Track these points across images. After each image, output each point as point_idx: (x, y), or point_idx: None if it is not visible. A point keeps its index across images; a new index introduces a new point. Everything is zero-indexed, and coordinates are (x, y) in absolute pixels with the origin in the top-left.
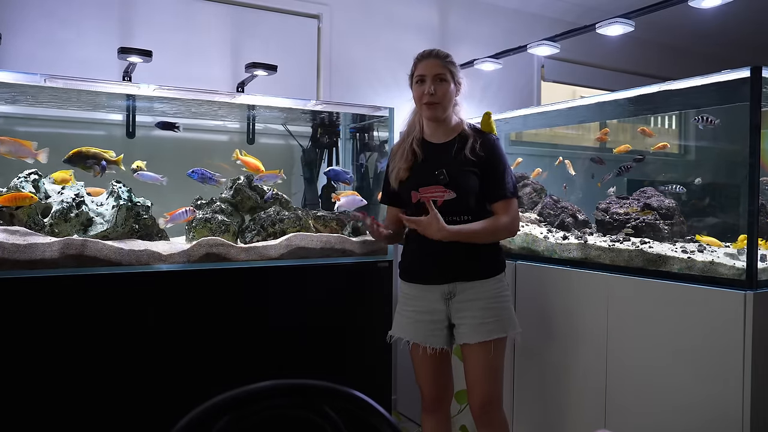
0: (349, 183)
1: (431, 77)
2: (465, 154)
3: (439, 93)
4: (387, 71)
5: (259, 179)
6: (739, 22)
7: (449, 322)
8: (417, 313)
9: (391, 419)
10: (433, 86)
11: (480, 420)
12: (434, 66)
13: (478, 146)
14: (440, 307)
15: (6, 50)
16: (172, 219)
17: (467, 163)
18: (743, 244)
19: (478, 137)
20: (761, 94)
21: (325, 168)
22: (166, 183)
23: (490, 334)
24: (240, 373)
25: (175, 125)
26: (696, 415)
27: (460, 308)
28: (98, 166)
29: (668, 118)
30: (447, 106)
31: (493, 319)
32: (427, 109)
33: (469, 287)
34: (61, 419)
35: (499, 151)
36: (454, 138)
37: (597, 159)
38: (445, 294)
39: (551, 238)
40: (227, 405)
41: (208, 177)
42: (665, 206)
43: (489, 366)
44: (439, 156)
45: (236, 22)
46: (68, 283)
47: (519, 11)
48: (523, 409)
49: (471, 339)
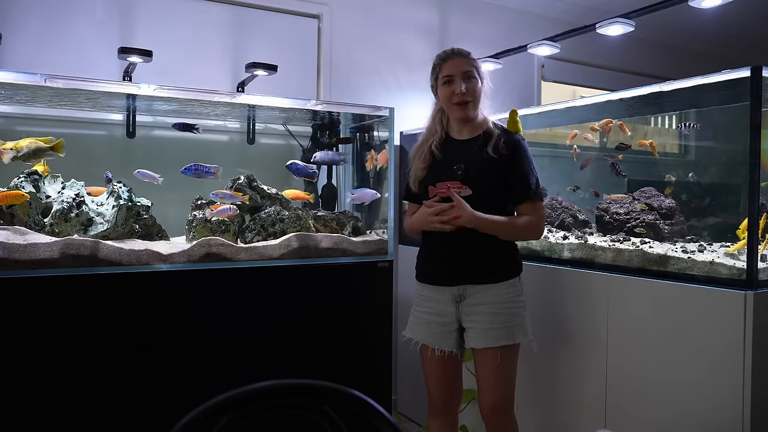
0: (312, 178)
1: (460, 75)
2: (487, 151)
3: (470, 91)
4: (387, 71)
5: (215, 194)
6: (739, 22)
7: (459, 325)
8: (428, 314)
9: (391, 419)
10: (463, 84)
11: (489, 423)
12: (461, 64)
13: (502, 145)
14: (450, 309)
15: (6, 50)
16: (217, 213)
17: (488, 161)
18: (743, 233)
19: (503, 136)
20: (761, 94)
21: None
22: (162, 182)
23: (498, 340)
24: (240, 373)
25: (195, 126)
26: (696, 415)
27: (470, 312)
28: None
29: (668, 118)
30: (477, 104)
31: (502, 325)
32: (459, 109)
33: (479, 291)
34: (61, 419)
35: (523, 151)
36: (478, 135)
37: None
38: (455, 296)
39: (551, 238)
40: (227, 405)
41: (204, 171)
42: (665, 206)
43: (498, 371)
44: (460, 152)
45: (236, 22)
46: (68, 283)
47: (519, 11)
48: (523, 409)
49: (478, 344)
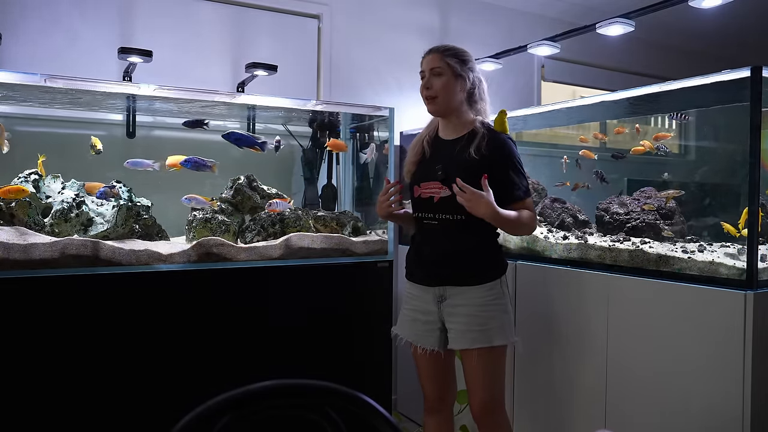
0: (261, 149)
1: (428, 72)
2: (469, 152)
3: (435, 87)
4: (387, 71)
5: (187, 199)
6: (739, 22)
7: (442, 324)
8: (414, 312)
9: (391, 419)
10: (430, 81)
11: (480, 423)
12: (431, 60)
13: (484, 145)
14: (433, 308)
15: (6, 50)
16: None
17: (469, 161)
18: (743, 221)
19: (487, 136)
20: (761, 94)
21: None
22: (158, 168)
23: (474, 342)
24: (240, 373)
25: (204, 122)
26: (696, 415)
27: (450, 312)
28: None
29: (668, 118)
30: (447, 101)
31: (478, 327)
32: (427, 104)
33: (458, 292)
34: (61, 419)
35: (506, 151)
36: (463, 135)
37: (618, 155)
38: (437, 296)
39: (551, 238)
40: (227, 405)
41: (201, 164)
42: (666, 207)
43: (482, 372)
44: (444, 152)
45: (236, 22)
46: (68, 283)
47: (519, 11)
48: (523, 409)
49: (456, 345)
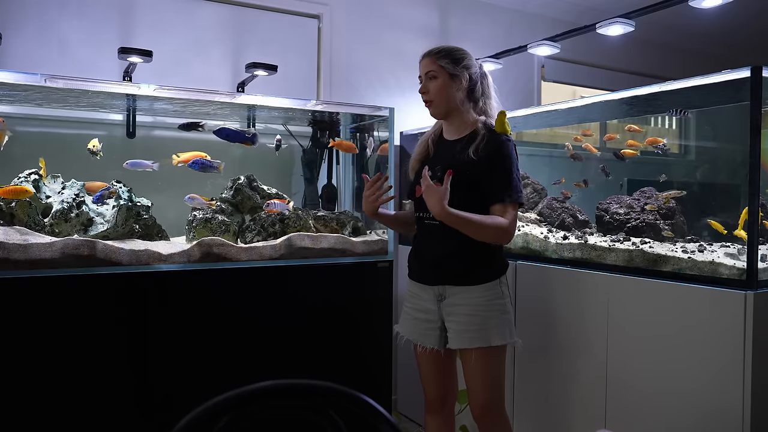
0: (253, 143)
1: (424, 76)
2: (468, 153)
3: (431, 91)
4: (387, 71)
5: (190, 198)
6: (739, 22)
7: (442, 323)
8: (414, 310)
9: (391, 419)
10: (426, 85)
11: (479, 423)
12: (425, 64)
13: (482, 146)
14: (433, 307)
15: (6, 50)
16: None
17: (468, 163)
18: (743, 219)
19: (487, 136)
20: (761, 94)
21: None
22: (158, 168)
23: (472, 342)
24: (240, 373)
25: (199, 124)
26: (696, 415)
27: (450, 312)
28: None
29: (668, 118)
30: (444, 103)
31: (476, 327)
32: (426, 107)
33: (457, 292)
34: (61, 419)
35: (503, 152)
36: (465, 136)
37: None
38: (437, 295)
39: (551, 238)
40: (227, 405)
41: (208, 165)
42: (665, 206)
43: (480, 372)
44: (445, 152)
45: (236, 22)
46: (68, 283)
47: (519, 11)
48: (523, 409)
49: (454, 344)
